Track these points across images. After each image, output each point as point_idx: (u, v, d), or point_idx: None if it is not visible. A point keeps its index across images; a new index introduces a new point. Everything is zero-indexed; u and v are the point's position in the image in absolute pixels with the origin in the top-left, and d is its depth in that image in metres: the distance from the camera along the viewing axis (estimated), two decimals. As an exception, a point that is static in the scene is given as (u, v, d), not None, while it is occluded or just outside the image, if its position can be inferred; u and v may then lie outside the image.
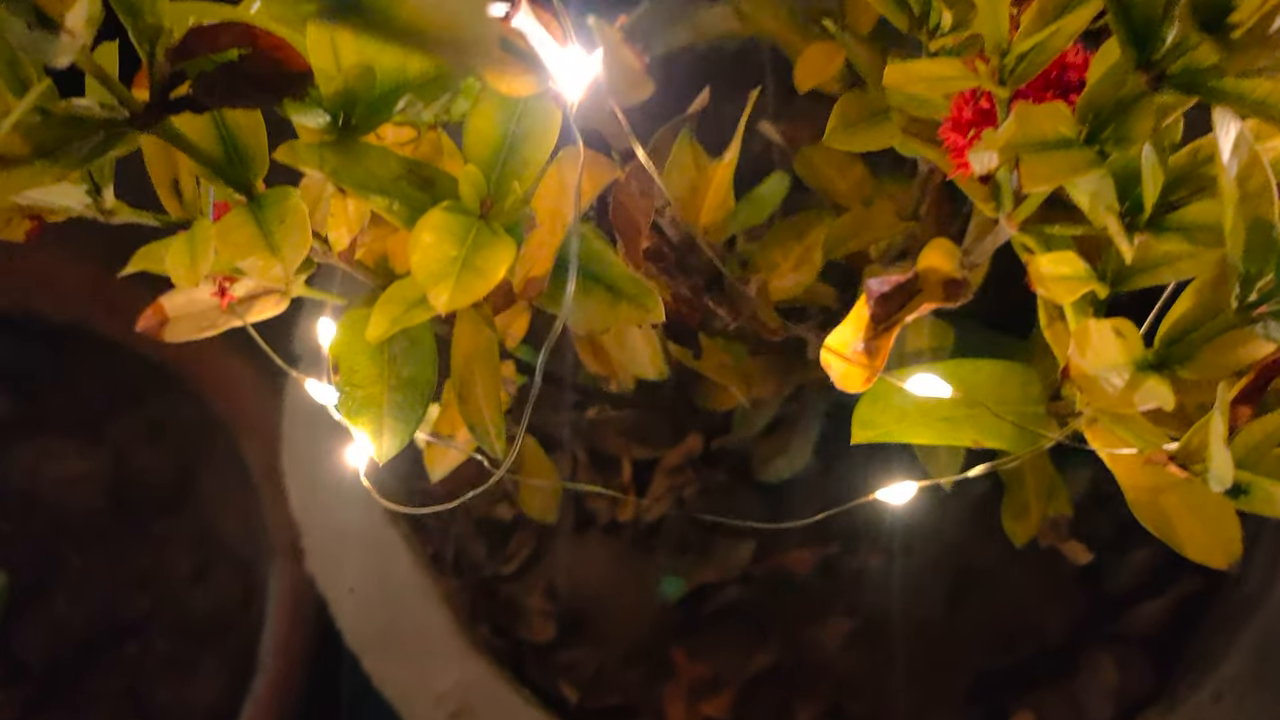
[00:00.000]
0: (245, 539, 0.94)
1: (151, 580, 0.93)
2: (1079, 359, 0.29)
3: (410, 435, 0.36)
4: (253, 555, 0.93)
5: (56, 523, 0.94)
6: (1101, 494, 0.67)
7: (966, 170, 0.32)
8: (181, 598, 0.93)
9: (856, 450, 0.69)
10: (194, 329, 0.39)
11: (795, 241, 0.46)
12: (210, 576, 0.94)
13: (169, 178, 0.33)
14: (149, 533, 0.94)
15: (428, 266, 0.28)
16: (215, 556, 0.94)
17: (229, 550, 0.94)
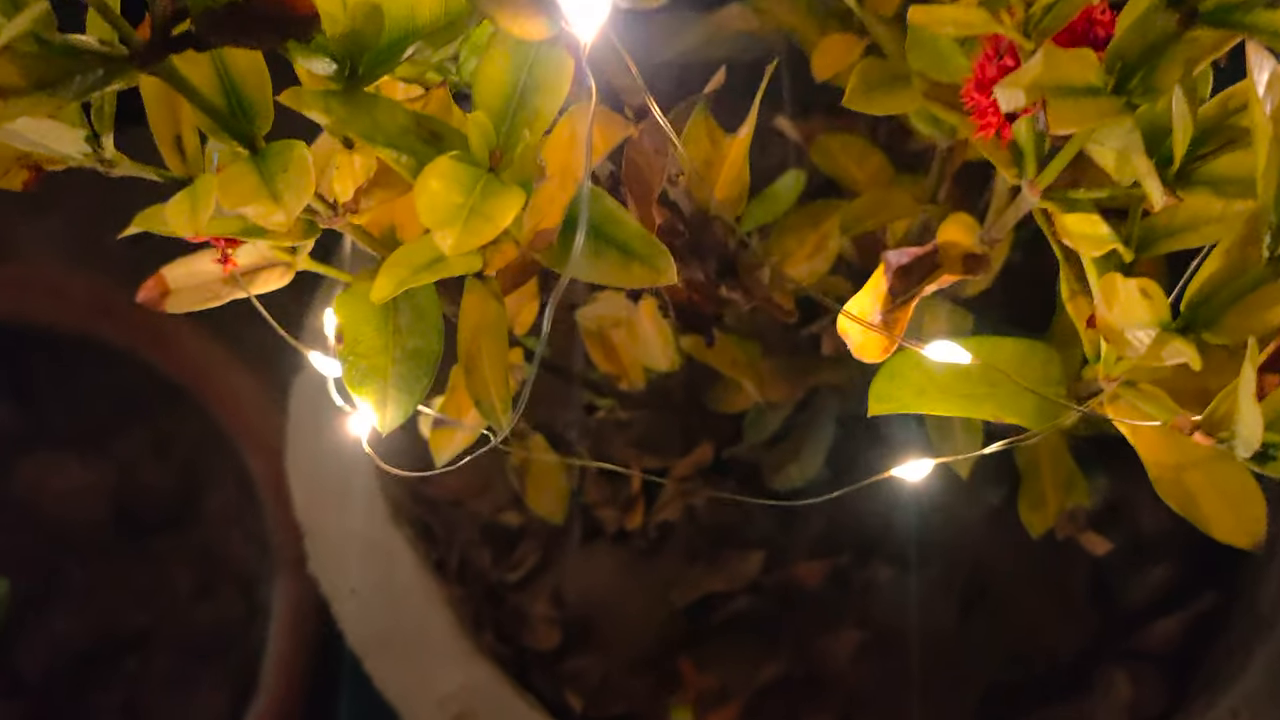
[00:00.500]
0: (249, 556, 0.93)
1: (153, 596, 0.92)
2: (1105, 311, 0.28)
3: (414, 406, 0.36)
4: (256, 573, 0.92)
5: (58, 536, 0.93)
6: (1116, 508, 0.66)
7: (989, 132, 0.32)
8: (183, 614, 0.91)
9: (869, 460, 0.68)
10: (196, 300, 0.38)
11: (811, 230, 0.45)
12: (213, 593, 0.93)
13: (171, 134, 0.32)
14: (151, 548, 0.93)
15: (435, 212, 0.27)
16: (218, 573, 0.93)
17: (232, 567, 0.93)
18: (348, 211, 0.34)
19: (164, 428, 0.97)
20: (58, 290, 0.98)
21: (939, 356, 0.33)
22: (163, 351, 0.96)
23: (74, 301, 0.97)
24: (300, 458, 0.64)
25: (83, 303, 0.97)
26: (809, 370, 0.57)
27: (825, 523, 0.67)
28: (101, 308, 0.97)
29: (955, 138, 0.40)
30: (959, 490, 0.66)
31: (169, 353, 0.96)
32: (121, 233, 0.34)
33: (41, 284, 0.99)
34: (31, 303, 0.99)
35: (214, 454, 0.96)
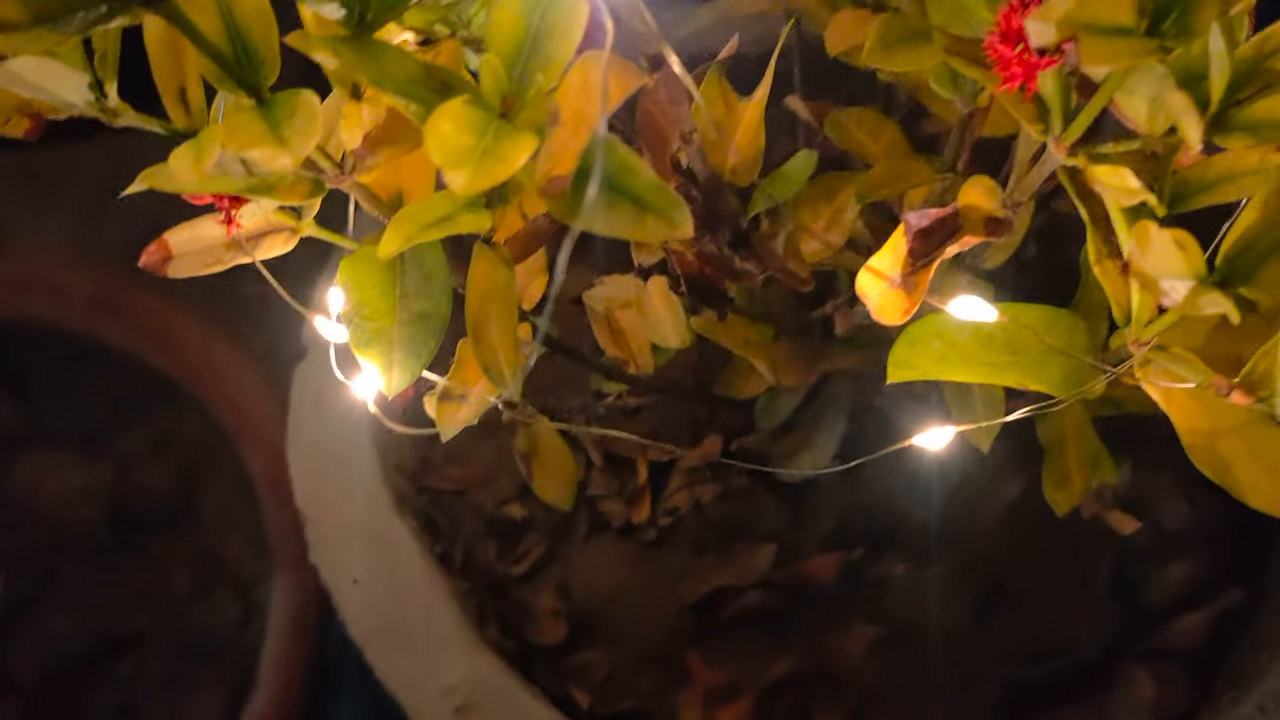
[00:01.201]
0: (247, 557, 0.91)
1: (149, 597, 0.91)
2: (1140, 258, 0.27)
3: (420, 369, 0.35)
4: (254, 574, 0.91)
5: (54, 537, 0.92)
6: (1137, 503, 0.65)
7: (1014, 85, 0.31)
8: (180, 615, 0.90)
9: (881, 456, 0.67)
10: (199, 265, 0.37)
11: (825, 203, 0.44)
12: (210, 594, 0.91)
13: (176, 85, 0.32)
14: (148, 548, 0.92)
15: (446, 152, 0.26)
16: (215, 574, 0.92)
17: (230, 568, 0.92)
18: (355, 165, 0.33)
19: (163, 427, 0.96)
20: (58, 288, 0.97)
21: (964, 313, 0.32)
22: (163, 350, 0.95)
23: (74, 299, 0.96)
24: (301, 446, 0.63)
25: (83, 300, 0.96)
26: (821, 355, 0.56)
27: (837, 517, 0.66)
28: (102, 305, 0.96)
29: (975, 103, 0.39)
30: (975, 484, 0.65)
31: (169, 351, 0.95)
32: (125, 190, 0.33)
33: (41, 282, 0.98)
34: (31, 301, 0.98)
35: (213, 453, 0.94)
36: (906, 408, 0.63)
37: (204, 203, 0.36)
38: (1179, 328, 0.33)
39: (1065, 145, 0.32)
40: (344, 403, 0.66)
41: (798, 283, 0.40)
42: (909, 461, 0.66)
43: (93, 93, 0.29)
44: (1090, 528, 0.65)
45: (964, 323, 0.36)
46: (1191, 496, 0.66)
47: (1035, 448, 0.65)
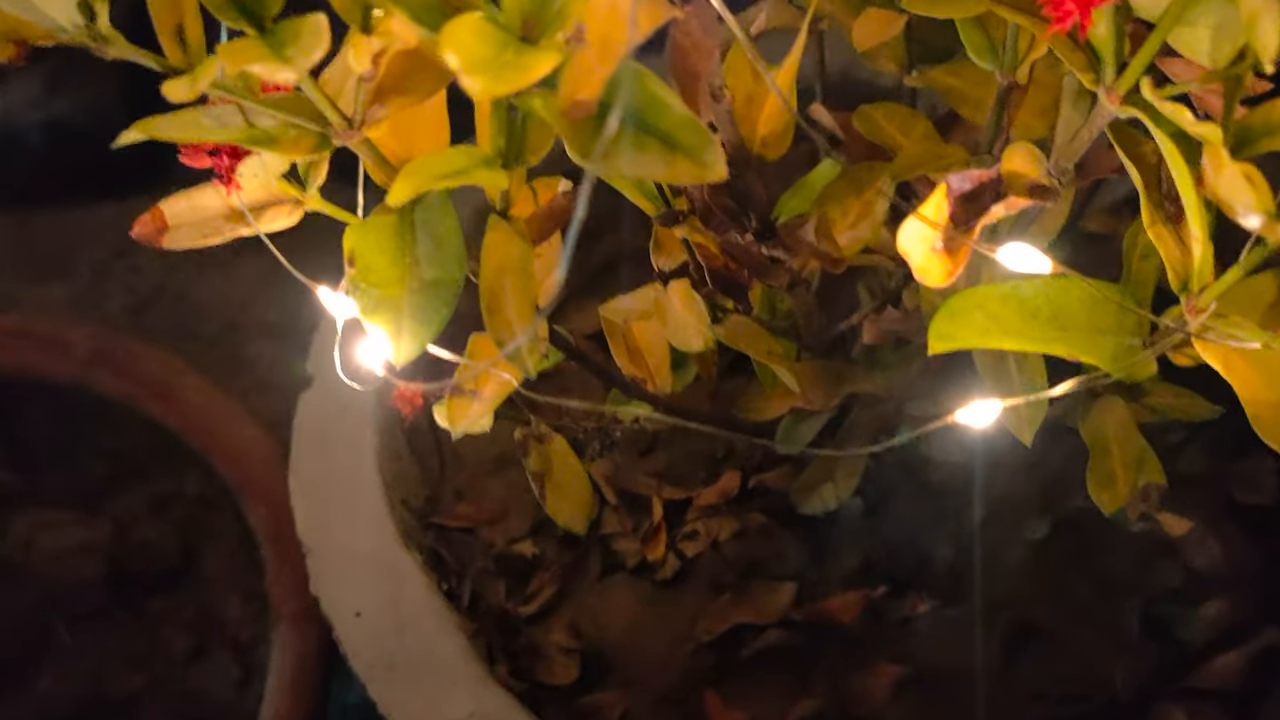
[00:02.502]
0: (246, 618, 0.88)
1: (145, 659, 0.88)
2: (1213, 179, 0.25)
3: (431, 338, 0.32)
4: (253, 635, 0.88)
5: (48, 597, 0.89)
6: (1169, 544, 0.62)
7: (1066, 24, 0.29)
8: (176, 677, 0.87)
9: (905, 491, 0.65)
10: (196, 236, 0.35)
11: (854, 197, 0.42)
12: (207, 656, 0.88)
13: (174, 22, 0.30)
14: (146, 609, 0.89)
15: (464, 57, 0.24)
16: (214, 635, 0.89)
17: (229, 629, 0.89)
18: (363, 117, 0.31)
19: (163, 482, 0.94)
20: (58, 341, 0.96)
21: (1016, 264, 0.30)
22: (164, 402, 0.93)
23: (74, 353, 0.95)
24: (304, 475, 0.60)
25: (83, 354, 0.95)
26: (844, 377, 0.53)
27: (860, 554, 0.63)
28: (102, 358, 0.94)
29: (1014, 76, 0.38)
30: (1001, 522, 0.63)
31: (170, 403, 0.93)
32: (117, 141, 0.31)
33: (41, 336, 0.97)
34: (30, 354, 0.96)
35: (214, 508, 0.92)
36: (932, 437, 0.61)
37: (203, 166, 0.34)
38: (1237, 298, 0.31)
39: (1119, 94, 0.30)
40: (349, 430, 0.64)
41: (831, 265, 0.38)
42: (932, 498, 0.63)
43: (82, 14, 0.27)
44: (1120, 567, 0.62)
45: (1007, 295, 0.34)
46: (1222, 535, 0.63)
47: (1062, 486, 0.62)
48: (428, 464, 0.66)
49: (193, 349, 0.99)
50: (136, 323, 1.01)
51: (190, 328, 1.01)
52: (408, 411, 0.46)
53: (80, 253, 1.02)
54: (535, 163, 0.33)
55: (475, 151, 0.32)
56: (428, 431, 0.67)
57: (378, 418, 0.63)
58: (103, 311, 1.00)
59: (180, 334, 1.00)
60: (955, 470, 0.60)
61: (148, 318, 1.01)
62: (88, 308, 1.01)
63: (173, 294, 1.02)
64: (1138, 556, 0.61)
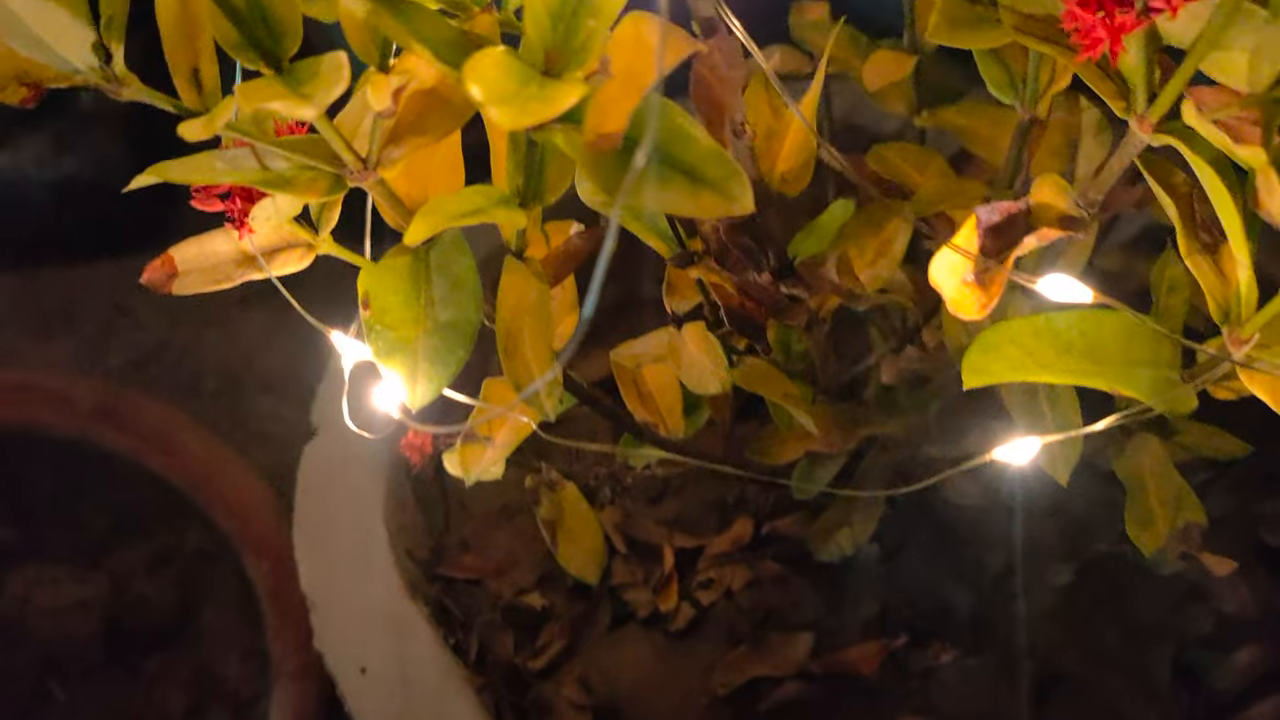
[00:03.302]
0: (246, 675, 0.87)
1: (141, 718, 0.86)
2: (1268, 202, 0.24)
3: (448, 381, 0.31)
4: (253, 692, 0.86)
5: (44, 655, 0.87)
6: (1198, 589, 0.61)
7: (1097, 51, 0.28)
8: (172, 737, 0.85)
9: (923, 537, 0.63)
10: (206, 282, 0.34)
11: (871, 236, 0.42)
12: (205, 714, 0.86)
13: (189, 65, 0.29)
14: (143, 667, 0.87)
15: (488, 89, 0.23)
16: (211, 694, 0.87)
17: (227, 686, 0.87)
18: (379, 159, 0.30)
19: (162, 538, 0.93)
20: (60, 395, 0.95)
21: (1056, 294, 0.29)
22: (165, 456, 0.92)
23: (76, 407, 0.94)
24: (309, 527, 0.59)
25: (85, 408, 0.94)
26: (860, 419, 0.52)
27: (878, 602, 0.61)
28: (104, 412, 0.93)
29: (1035, 110, 0.37)
30: (1023, 569, 0.61)
31: (172, 457, 0.92)
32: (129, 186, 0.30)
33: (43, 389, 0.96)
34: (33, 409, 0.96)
35: (214, 564, 0.91)
36: (950, 481, 0.59)
37: (214, 210, 0.33)
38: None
39: (1151, 122, 0.30)
40: (354, 481, 0.62)
41: (853, 300, 0.38)
42: (952, 544, 0.62)
43: (96, 55, 0.27)
44: (1149, 613, 0.61)
45: (1039, 328, 0.33)
46: (1252, 579, 0.62)
47: (1085, 530, 0.61)
48: (433, 514, 0.64)
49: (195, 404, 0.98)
50: (139, 378, 1.00)
51: (193, 383, 1.00)
52: (417, 459, 0.45)
53: (83, 309, 1.02)
54: (553, 201, 0.32)
55: (492, 191, 0.32)
56: (433, 481, 0.66)
57: (383, 467, 0.62)
58: (105, 367, 1.00)
59: (182, 389, 0.99)
60: (974, 515, 0.59)
61: (150, 373, 1.01)
62: (90, 363, 1.01)
63: (175, 349, 1.02)
64: (1166, 602, 0.59)
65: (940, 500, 0.60)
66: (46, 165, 0.98)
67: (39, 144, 0.97)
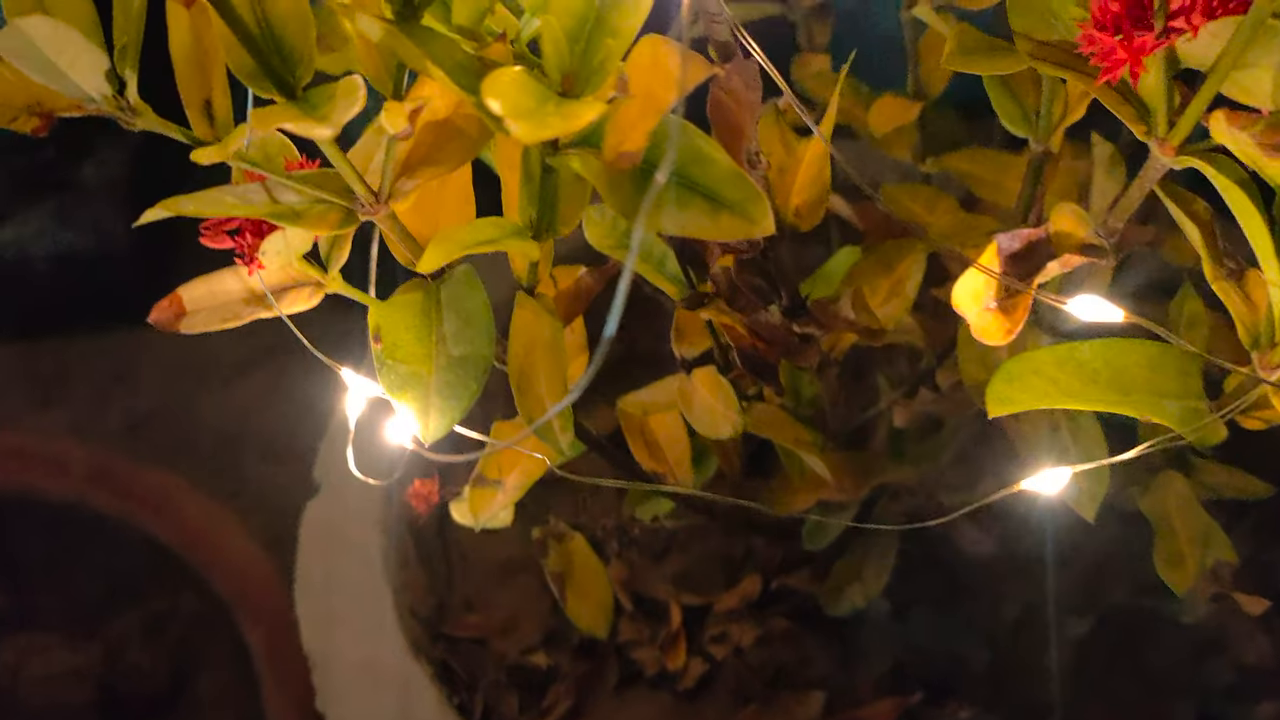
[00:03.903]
0: (242, 743, 0.85)
1: (133, 790, 0.84)
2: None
3: (461, 414, 0.31)
4: (249, 763, 0.84)
5: (35, 725, 0.85)
6: (1216, 640, 0.59)
7: (1116, 73, 0.28)
8: (164, 811, 0.83)
9: (936, 590, 0.62)
10: (214, 320, 0.34)
11: (883, 276, 0.41)
12: (198, 786, 0.84)
13: (201, 97, 0.29)
14: (136, 736, 0.85)
15: (507, 102, 0.23)
16: (206, 764, 0.85)
17: (222, 756, 0.85)
18: (391, 191, 0.30)
19: (157, 603, 0.91)
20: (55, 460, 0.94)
21: (1085, 313, 0.29)
22: (160, 519, 0.91)
23: (71, 471, 0.93)
24: (310, 585, 0.58)
25: (81, 472, 0.93)
26: (871, 468, 0.52)
27: (891, 658, 0.60)
28: (99, 477, 0.93)
29: (1049, 142, 0.37)
30: (1037, 622, 0.60)
31: (167, 520, 0.91)
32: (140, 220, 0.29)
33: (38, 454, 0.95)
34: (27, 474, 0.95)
35: (210, 628, 0.89)
36: (964, 531, 0.58)
37: (223, 246, 0.33)
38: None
39: (1173, 145, 0.29)
40: (357, 537, 0.61)
41: (870, 336, 0.37)
42: (965, 597, 0.61)
43: (110, 84, 0.26)
44: (1168, 666, 0.59)
45: (1063, 358, 0.32)
46: (1272, 630, 0.60)
47: (1100, 581, 0.60)
48: (436, 572, 0.63)
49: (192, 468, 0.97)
50: (134, 443, 1.00)
51: (189, 447, 0.99)
52: (423, 509, 0.44)
53: (81, 377, 1.02)
54: (567, 233, 0.32)
55: (504, 222, 0.31)
56: (436, 539, 0.65)
57: (386, 524, 0.61)
58: (102, 433, 1.00)
59: (178, 453, 0.99)
60: (988, 566, 0.58)
61: (147, 438, 1.01)
62: (87, 430, 1.00)
63: (172, 414, 1.01)
64: (1186, 653, 0.58)
65: (953, 551, 0.59)
66: (47, 237, 0.99)
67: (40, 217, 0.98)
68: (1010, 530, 0.57)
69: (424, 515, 0.44)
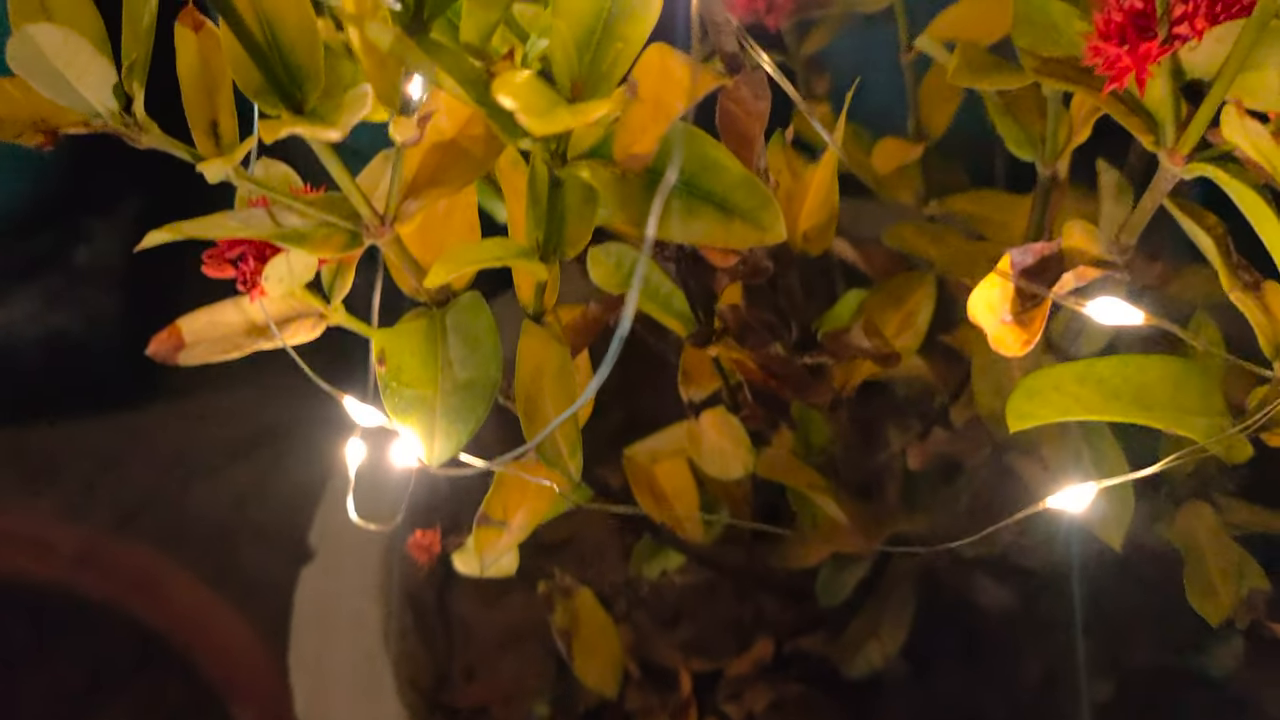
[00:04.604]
0: (226, 841, 0.82)
1: None
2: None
3: (467, 437, 0.30)
4: None
5: (14, 826, 0.82)
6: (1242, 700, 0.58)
7: (1123, 81, 0.28)
8: None
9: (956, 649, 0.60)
10: (214, 352, 0.33)
11: (894, 309, 0.41)
12: None
13: (207, 118, 0.29)
14: (121, 831, 0.82)
15: (518, 98, 0.23)
16: None
17: None
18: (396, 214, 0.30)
19: (145, 692, 0.89)
20: (43, 543, 0.93)
21: (1104, 316, 0.28)
22: (150, 603, 0.89)
23: (59, 555, 0.92)
24: (305, 656, 0.56)
25: (68, 555, 0.92)
26: (886, 518, 0.50)
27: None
28: (88, 560, 0.91)
29: (1056, 165, 0.37)
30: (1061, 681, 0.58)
31: (156, 603, 0.89)
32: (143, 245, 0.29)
33: (25, 537, 0.94)
34: (13, 557, 0.93)
35: (198, 717, 0.86)
36: (981, 584, 0.57)
37: (225, 275, 0.32)
38: None
39: (1182, 154, 0.29)
40: (353, 605, 0.60)
41: (884, 361, 0.36)
42: (986, 656, 0.59)
43: (117, 99, 0.26)
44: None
45: (1083, 374, 0.31)
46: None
47: (1123, 641, 0.58)
48: (435, 641, 0.61)
49: (182, 554, 0.96)
50: (124, 530, 0.98)
51: (180, 534, 0.98)
52: (424, 559, 0.43)
53: (70, 463, 1.01)
54: (573, 256, 0.31)
55: (510, 243, 0.31)
56: (434, 608, 0.63)
57: (384, 591, 0.59)
58: (91, 521, 0.98)
59: (169, 540, 0.97)
60: (1009, 624, 0.57)
61: (137, 525, 0.99)
62: (76, 517, 0.99)
63: (162, 502, 1.00)
64: (1213, 715, 0.56)
65: (973, 608, 0.57)
66: (37, 321, 0.98)
67: (30, 300, 0.98)
68: (1031, 585, 0.56)
69: (426, 566, 0.42)
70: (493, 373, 0.31)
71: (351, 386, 0.34)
